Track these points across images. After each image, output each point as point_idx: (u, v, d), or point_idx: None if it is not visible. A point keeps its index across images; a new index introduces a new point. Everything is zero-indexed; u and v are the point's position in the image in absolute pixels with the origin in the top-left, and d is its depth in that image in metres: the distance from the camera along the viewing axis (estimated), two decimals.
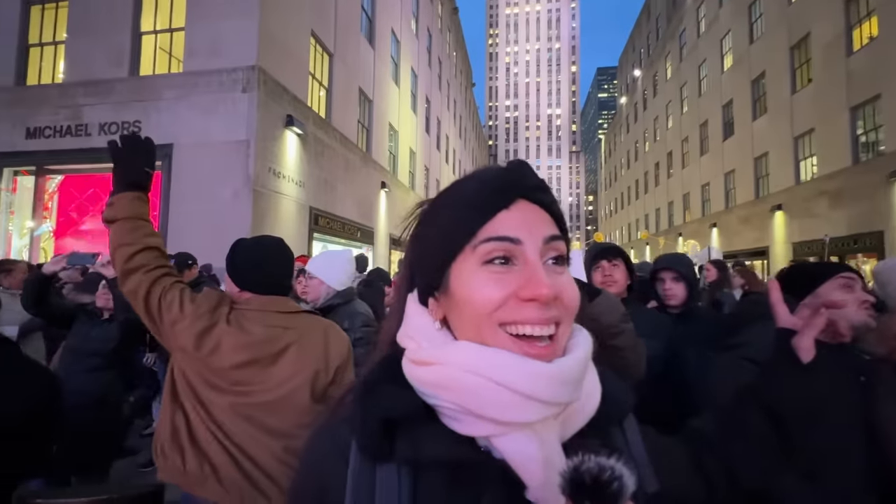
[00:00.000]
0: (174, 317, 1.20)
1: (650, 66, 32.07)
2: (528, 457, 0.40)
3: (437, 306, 0.46)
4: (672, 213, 27.22)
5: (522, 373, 0.39)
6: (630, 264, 1.77)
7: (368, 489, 0.41)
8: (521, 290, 0.41)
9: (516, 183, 0.45)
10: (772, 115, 16.99)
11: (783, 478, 1.09)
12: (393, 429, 0.41)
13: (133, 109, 7.90)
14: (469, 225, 0.43)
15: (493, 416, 0.40)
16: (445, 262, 0.44)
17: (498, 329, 0.41)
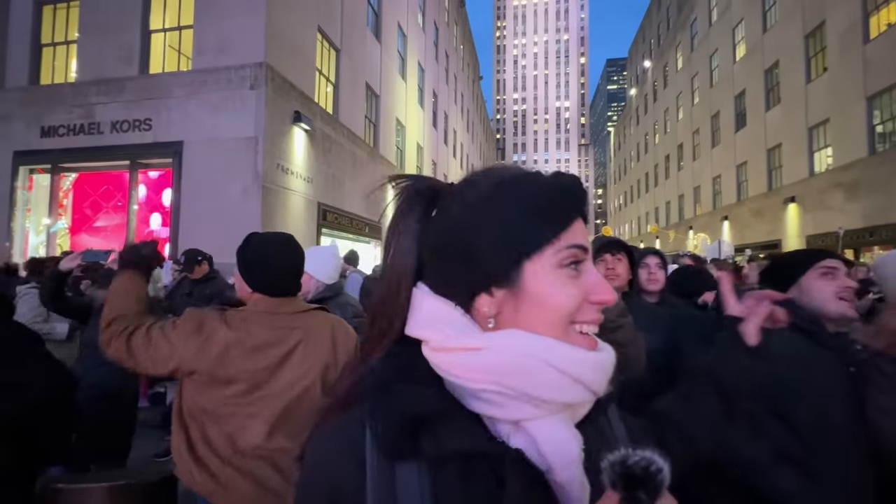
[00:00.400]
0: (167, 352, 1.19)
1: (660, 57, 31.56)
2: (562, 439, 0.43)
3: (492, 301, 0.46)
4: (682, 207, 26.90)
5: (574, 358, 0.44)
6: (633, 259, 1.78)
7: (389, 488, 0.41)
8: (591, 295, 0.46)
9: (582, 198, 0.49)
10: (785, 106, 16.66)
11: (779, 472, 1.10)
12: (416, 426, 0.42)
13: (144, 107, 8.00)
14: (555, 227, 0.46)
15: (542, 397, 0.43)
16: (520, 260, 0.45)
17: (570, 327, 0.45)
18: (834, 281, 1.24)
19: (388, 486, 0.41)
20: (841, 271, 1.25)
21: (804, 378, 1.17)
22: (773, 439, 1.16)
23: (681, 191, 27.07)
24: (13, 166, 8.57)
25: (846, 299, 1.22)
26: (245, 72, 7.65)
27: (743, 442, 1.15)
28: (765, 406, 1.18)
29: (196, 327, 1.22)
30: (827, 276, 1.25)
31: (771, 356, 0.76)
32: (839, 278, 1.24)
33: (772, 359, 0.77)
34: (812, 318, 1.24)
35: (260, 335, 1.26)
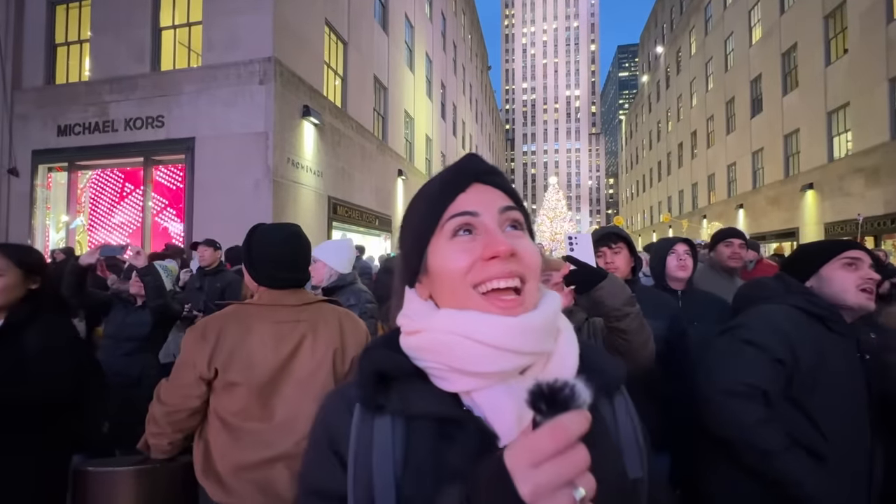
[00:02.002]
0: (188, 371, 1.18)
1: (673, 42, 30.83)
2: (501, 408, 0.46)
3: (422, 287, 0.54)
4: (696, 195, 26.43)
5: (490, 327, 0.46)
6: (633, 248, 1.76)
7: (367, 437, 0.49)
8: (483, 252, 0.48)
9: (469, 170, 0.53)
10: (803, 90, 16.19)
11: (792, 456, 1.10)
12: (388, 385, 0.49)
13: (156, 104, 8.10)
14: (436, 209, 0.52)
15: (470, 370, 0.46)
16: (422, 247, 0.52)
17: (471, 290, 0.48)
18: (856, 272, 1.23)
19: (367, 436, 0.49)
20: (864, 262, 1.24)
21: (819, 364, 1.17)
22: (786, 424, 1.16)
23: (694, 179, 26.58)
24: (32, 165, 8.77)
25: (867, 291, 1.21)
26: (254, 67, 7.69)
27: (756, 426, 1.15)
28: (779, 390, 1.18)
29: (200, 335, 1.21)
30: (850, 266, 1.24)
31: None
32: (862, 269, 1.23)
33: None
34: (828, 307, 1.23)
35: (265, 331, 1.23)
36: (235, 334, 1.21)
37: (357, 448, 0.49)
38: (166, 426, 1.18)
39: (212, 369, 1.19)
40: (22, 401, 1.27)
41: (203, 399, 1.21)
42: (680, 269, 1.97)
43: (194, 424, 1.22)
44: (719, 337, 1.32)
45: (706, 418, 1.24)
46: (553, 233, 42.53)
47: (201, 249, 3.93)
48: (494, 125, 46.16)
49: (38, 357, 1.31)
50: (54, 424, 1.32)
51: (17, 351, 1.32)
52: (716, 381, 1.23)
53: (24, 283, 1.43)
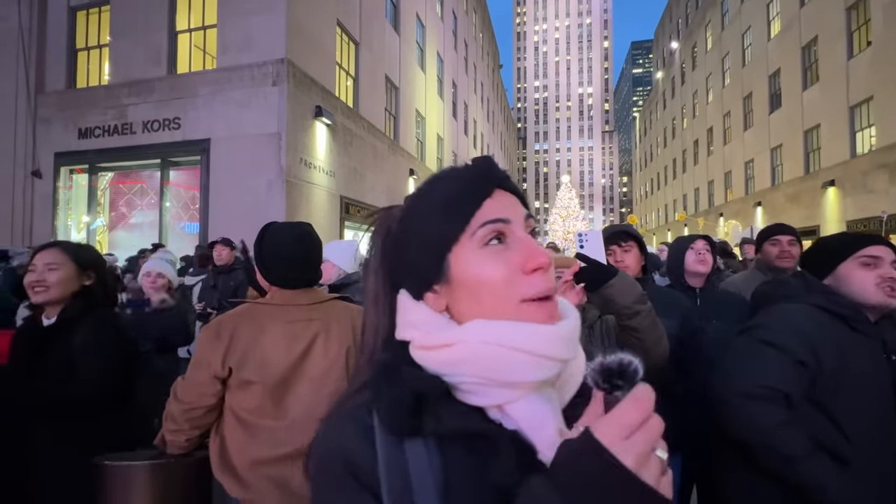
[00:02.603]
0: (203, 370, 1.20)
1: (689, 38, 30.30)
2: (542, 417, 0.45)
3: (437, 298, 0.50)
4: (712, 193, 25.96)
5: (535, 336, 0.45)
6: (644, 246, 1.73)
7: (401, 465, 0.45)
8: (526, 263, 0.46)
9: (493, 175, 0.51)
10: (824, 84, 15.76)
11: (815, 461, 1.07)
12: (419, 406, 0.45)
13: (172, 107, 8.26)
14: (462, 214, 0.48)
15: (514, 380, 0.44)
16: (442, 254, 0.49)
17: (518, 302, 0.46)
18: (875, 270, 1.18)
19: (400, 463, 0.45)
20: (885, 260, 1.19)
21: (842, 365, 1.13)
22: (809, 427, 1.13)
23: (710, 176, 26.10)
24: (54, 167, 9.02)
25: (886, 288, 1.16)
26: (267, 68, 7.78)
27: (777, 429, 1.12)
28: (801, 392, 1.15)
29: (214, 334, 1.22)
30: (868, 265, 1.20)
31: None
32: (882, 267, 1.18)
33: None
34: (851, 306, 1.19)
35: (277, 330, 1.23)
36: (249, 334, 1.22)
37: (391, 479, 0.44)
38: (183, 423, 1.20)
39: (226, 368, 1.20)
40: (70, 399, 1.31)
41: (218, 397, 1.22)
42: (699, 263, 1.92)
43: (210, 421, 1.23)
44: (738, 337, 1.29)
45: (724, 420, 1.21)
46: (566, 232, 42.19)
47: (218, 249, 4.00)
48: (506, 124, 45.98)
49: (86, 353, 1.34)
50: (103, 418, 1.35)
51: (67, 347, 1.36)
52: (734, 382, 1.20)
53: (78, 279, 1.47)
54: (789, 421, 1.12)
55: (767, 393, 1.14)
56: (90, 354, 1.35)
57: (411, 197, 0.53)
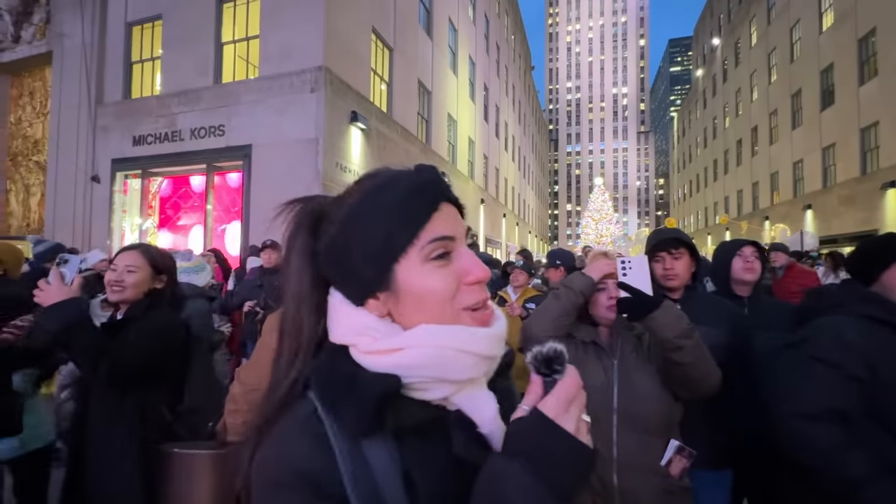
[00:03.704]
0: (264, 354, 1.24)
1: (731, 33, 29.04)
2: (484, 404, 0.52)
3: (379, 304, 0.51)
4: (757, 195, 24.72)
5: (478, 338, 0.50)
6: (696, 252, 1.66)
7: (364, 466, 0.46)
8: (467, 277, 0.51)
9: (439, 188, 0.53)
10: (884, 79, 14.73)
11: (886, 486, 1.00)
12: (380, 405, 0.48)
13: (217, 115, 8.68)
14: (412, 229, 0.50)
15: (457, 378, 0.50)
16: (389, 266, 0.50)
17: (459, 311, 0.51)
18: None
19: (363, 465, 0.46)
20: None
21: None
22: (874, 447, 1.06)
23: (755, 178, 24.87)
24: (111, 173, 9.66)
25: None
26: (306, 76, 8.05)
27: (836, 452, 1.06)
28: (859, 410, 1.09)
29: (277, 322, 1.31)
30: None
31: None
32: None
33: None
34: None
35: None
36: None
37: (357, 482, 0.45)
38: (243, 404, 1.27)
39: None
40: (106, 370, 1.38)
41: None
42: (747, 271, 1.83)
43: None
44: (786, 352, 1.24)
45: (780, 442, 1.17)
46: (598, 235, 41.21)
47: (267, 252, 4.19)
48: (537, 126, 45.50)
49: (126, 339, 1.44)
50: (149, 412, 1.45)
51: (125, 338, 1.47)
52: (787, 402, 1.15)
53: (152, 282, 1.59)
54: (848, 442, 1.06)
55: (822, 413, 1.09)
56: (128, 340, 1.44)
57: (352, 202, 0.52)
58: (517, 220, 29.59)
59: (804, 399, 1.12)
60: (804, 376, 1.15)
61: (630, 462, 1.24)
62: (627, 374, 1.30)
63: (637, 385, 1.28)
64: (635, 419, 1.25)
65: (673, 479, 1.26)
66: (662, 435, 1.27)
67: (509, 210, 26.81)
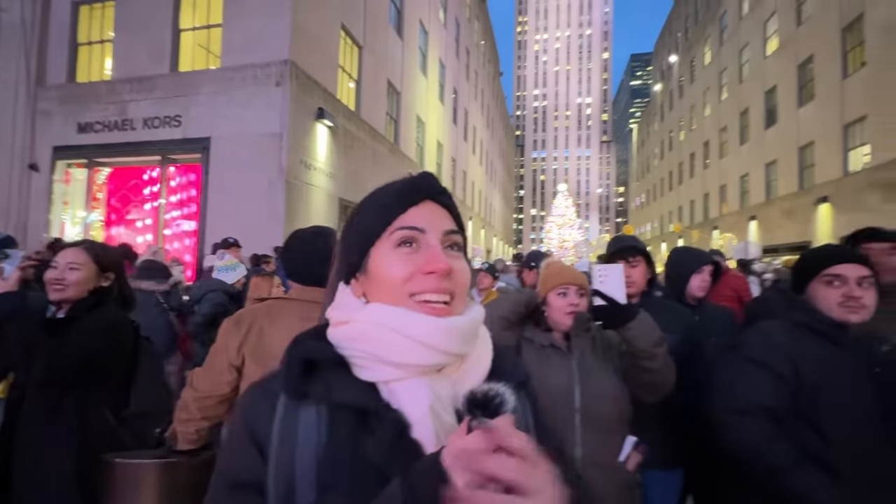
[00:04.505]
0: (220, 358, 1.24)
1: (687, 52, 30.71)
2: (418, 398, 0.49)
3: (357, 285, 0.57)
4: (708, 206, 26.20)
5: (419, 323, 0.50)
6: (651, 261, 1.74)
7: (292, 428, 0.50)
8: (423, 266, 0.52)
9: (425, 187, 0.57)
10: (819, 102, 16.02)
11: (803, 472, 1.09)
12: (312, 374, 0.52)
13: (174, 104, 8.25)
14: (386, 217, 0.55)
15: (393, 360, 0.50)
16: (366, 248, 0.55)
17: (408, 298, 0.52)
18: (837, 289, 1.22)
19: (292, 424, 0.51)
20: (850, 277, 1.21)
21: (823, 379, 1.17)
22: (796, 439, 1.15)
23: (706, 189, 26.36)
24: (52, 161, 8.96)
25: (849, 307, 1.19)
26: (271, 69, 7.80)
27: (762, 443, 1.15)
28: (785, 406, 1.18)
29: (234, 323, 1.28)
30: (832, 284, 1.23)
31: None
32: (846, 285, 1.21)
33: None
34: (830, 322, 1.22)
35: (290, 325, 1.24)
36: (264, 325, 1.27)
37: (280, 439, 0.50)
38: (196, 412, 1.23)
39: (240, 356, 1.24)
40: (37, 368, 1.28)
41: (233, 386, 1.25)
42: (700, 289, 1.95)
43: (221, 412, 1.26)
44: (725, 355, 1.33)
45: (718, 437, 1.25)
46: (561, 240, 42.32)
47: (233, 250, 4.01)
48: (505, 131, 46.24)
49: (64, 337, 1.36)
50: (90, 415, 1.35)
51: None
52: (722, 400, 1.24)
53: (96, 279, 1.51)
54: (775, 434, 1.15)
55: (752, 408, 1.18)
56: (68, 337, 1.36)
57: (365, 197, 0.60)
58: (483, 224, 29.91)
59: (736, 395, 1.21)
60: (737, 375, 1.24)
61: (594, 460, 1.27)
62: (588, 374, 1.34)
63: (597, 385, 1.32)
64: (597, 418, 1.29)
65: (630, 475, 1.31)
66: (620, 432, 1.32)
67: (476, 213, 27.06)
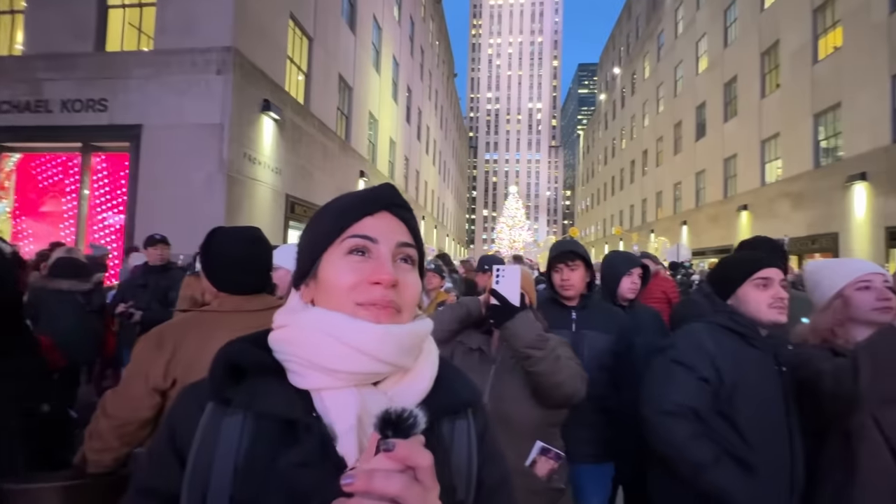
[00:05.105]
0: (139, 383, 1.11)
1: (629, 65, 32.58)
2: (346, 410, 0.48)
3: (307, 290, 0.56)
4: (645, 210, 27.94)
5: (356, 329, 0.49)
6: (590, 265, 1.82)
7: (213, 435, 0.49)
8: (370, 276, 0.51)
9: (383, 198, 0.57)
10: (742, 118, 17.61)
11: (721, 469, 1.18)
12: (241, 380, 0.50)
13: (98, 87, 7.54)
14: (341, 224, 0.54)
15: (327, 366, 0.48)
16: (318, 254, 0.55)
17: (352, 305, 0.51)
18: (767, 291, 1.32)
19: (214, 430, 0.49)
20: (775, 280, 1.34)
21: (741, 378, 1.27)
22: (717, 437, 1.24)
23: (644, 195, 28.10)
24: None
25: (777, 307, 1.31)
26: (211, 55, 7.34)
27: (686, 442, 1.23)
28: (708, 406, 1.27)
29: (155, 344, 1.15)
30: (761, 287, 1.33)
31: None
32: (772, 288, 1.33)
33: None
34: (748, 324, 1.33)
35: (226, 337, 1.16)
36: (196, 342, 1.15)
37: (200, 445, 0.49)
38: (113, 440, 1.10)
39: (169, 379, 1.13)
40: None
41: (156, 410, 1.14)
42: (630, 291, 2.08)
43: (144, 435, 1.15)
44: (655, 357, 1.40)
45: (646, 436, 1.32)
46: (511, 240, 43.40)
47: (158, 248, 3.69)
48: (458, 132, 46.64)
49: None
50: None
51: None
52: (652, 401, 1.31)
53: None
54: (698, 434, 1.23)
55: (678, 409, 1.25)
56: None
57: (325, 204, 0.59)
58: (436, 223, 30.00)
59: (664, 397, 1.28)
60: (666, 377, 1.31)
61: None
62: (500, 378, 1.35)
63: (506, 388, 1.34)
64: (503, 421, 1.30)
65: (538, 480, 1.32)
66: (532, 437, 1.34)
67: (428, 213, 27.08)
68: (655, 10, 27.64)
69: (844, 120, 12.38)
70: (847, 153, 12.19)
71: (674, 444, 1.24)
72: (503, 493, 0.58)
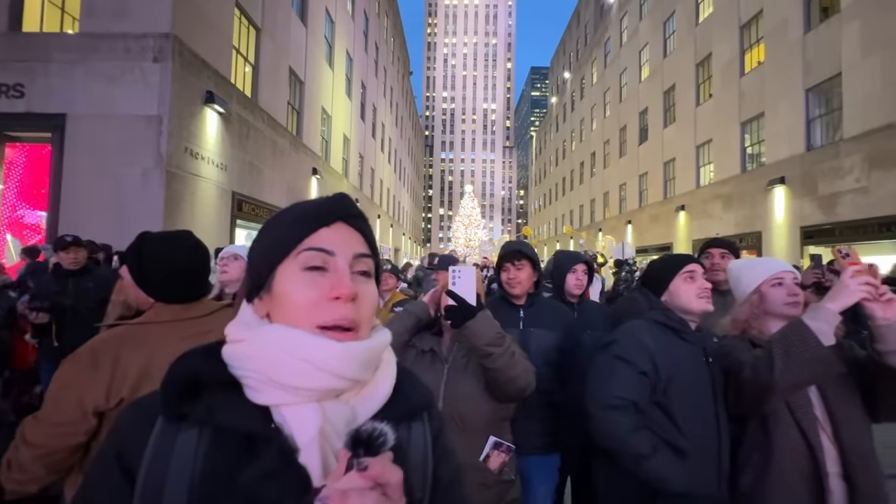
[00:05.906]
0: (73, 406, 1.01)
1: (578, 70, 33.90)
2: (307, 423, 0.47)
3: (261, 304, 0.54)
4: (594, 210, 29.24)
5: (318, 347, 0.48)
6: (537, 264, 1.88)
7: (167, 450, 0.47)
8: (329, 291, 0.50)
9: (338, 208, 0.55)
10: (679, 125, 18.86)
11: (659, 458, 1.27)
12: (197, 394, 0.48)
13: (13, 70, 6.80)
14: (296, 235, 0.53)
15: (287, 383, 0.47)
16: (272, 266, 0.53)
17: (311, 323, 0.50)
18: (694, 283, 1.46)
19: (167, 447, 0.47)
20: (699, 273, 1.48)
21: (675, 371, 1.37)
22: (655, 427, 1.33)
23: (593, 195, 29.39)
24: None
25: (704, 297, 1.45)
26: (147, 42, 6.84)
27: (627, 435, 1.31)
28: (647, 398, 1.36)
29: (89, 364, 1.04)
30: (689, 279, 1.46)
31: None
32: (698, 280, 1.47)
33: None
34: (680, 319, 1.44)
35: (171, 349, 1.09)
36: (139, 358, 1.06)
37: (152, 462, 0.47)
38: (39, 470, 1.00)
39: (113, 400, 1.03)
40: None
41: (91, 433, 1.04)
42: (576, 287, 2.18)
43: (74, 460, 1.05)
44: (599, 353, 1.48)
45: (591, 430, 1.39)
46: (467, 239, 43.89)
47: (73, 251, 3.34)
48: (414, 130, 46.45)
49: None
50: None
51: None
52: (594, 396, 1.39)
53: None
54: (638, 426, 1.32)
55: (620, 403, 1.33)
56: None
57: (278, 212, 0.57)
58: (392, 222, 29.73)
59: (607, 391, 1.36)
60: (609, 372, 1.39)
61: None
62: (454, 378, 1.39)
63: (460, 387, 1.37)
64: (458, 419, 1.34)
65: (489, 473, 1.37)
66: (485, 432, 1.38)
67: (384, 211, 26.79)
68: (602, 19, 28.93)
69: (767, 129, 13.59)
70: (769, 159, 13.39)
71: (617, 437, 1.31)
72: (456, 488, 0.60)
